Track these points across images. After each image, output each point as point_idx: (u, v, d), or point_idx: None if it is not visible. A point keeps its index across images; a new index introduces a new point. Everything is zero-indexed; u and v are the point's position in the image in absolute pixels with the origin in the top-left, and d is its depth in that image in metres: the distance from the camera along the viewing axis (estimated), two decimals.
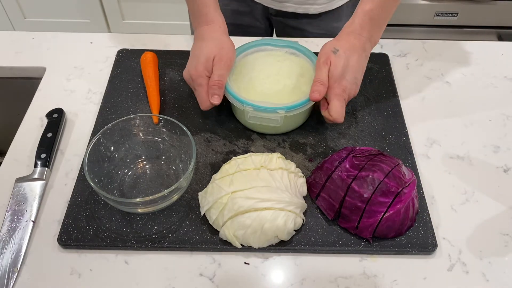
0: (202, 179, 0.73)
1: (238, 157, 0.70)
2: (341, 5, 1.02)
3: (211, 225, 0.66)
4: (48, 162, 0.74)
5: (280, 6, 1.01)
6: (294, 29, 1.06)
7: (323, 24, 1.04)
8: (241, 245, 0.64)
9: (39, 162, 0.73)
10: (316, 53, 0.92)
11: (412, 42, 0.98)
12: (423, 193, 0.71)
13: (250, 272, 0.64)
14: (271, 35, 1.18)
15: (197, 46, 0.77)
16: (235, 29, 1.06)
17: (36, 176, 0.72)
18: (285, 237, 0.64)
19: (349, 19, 1.05)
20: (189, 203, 0.70)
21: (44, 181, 0.72)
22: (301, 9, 1.01)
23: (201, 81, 0.74)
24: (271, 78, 0.79)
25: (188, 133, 0.69)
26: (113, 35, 0.99)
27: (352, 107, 0.84)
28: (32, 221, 0.68)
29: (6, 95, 0.98)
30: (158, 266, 0.65)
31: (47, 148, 0.75)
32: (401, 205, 0.64)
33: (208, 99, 0.74)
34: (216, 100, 0.73)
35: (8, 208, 0.69)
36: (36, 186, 0.71)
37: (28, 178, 0.72)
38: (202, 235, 0.66)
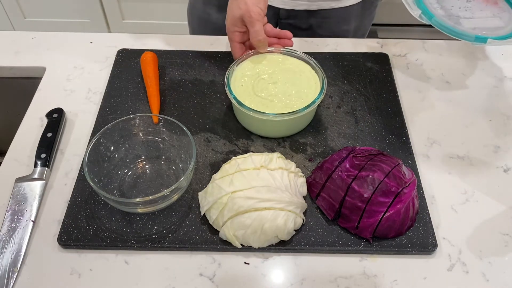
0: (202, 179, 0.73)
1: (238, 157, 0.70)
2: (352, 5, 1.01)
3: (211, 225, 0.66)
4: (48, 162, 0.74)
5: (293, 5, 1.00)
6: (304, 31, 1.05)
7: (333, 27, 1.04)
8: (241, 245, 0.64)
9: (39, 162, 0.73)
10: (316, 53, 0.93)
11: (412, 42, 0.98)
12: (423, 193, 0.71)
13: (250, 272, 0.64)
14: None
15: (229, 2, 0.82)
16: None
17: (36, 176, 0.72)
18: (285, 237, 0.64)
19: (357, 21, 1.05)
20: (189, 203, 0.70)
21: (44, 181, 0.72)
22: (314, 6, 1.00)
23: (230, 36, 0.82)
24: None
25: (188, 133, 0.69)
26: (113, 35, 0.99)
27: (352, 107, 0.84)
28: (32, 221, 0.68)
29: (6, 95, 0.98)
30: (158, 266, 0.65)
31: (47, 148, 0.75)
32: (401, 205, 0.64)
33: (238, 54, 0.82)
34: (264, 49, 0.82)
35: (8, 208, 0.69)
36: (36, 186, 0.71)
37: (28, 178, 0.72)
38: (202, 235, 0.66)
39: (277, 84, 0.79)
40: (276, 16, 1.06)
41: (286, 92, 0.77)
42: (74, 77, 0.90)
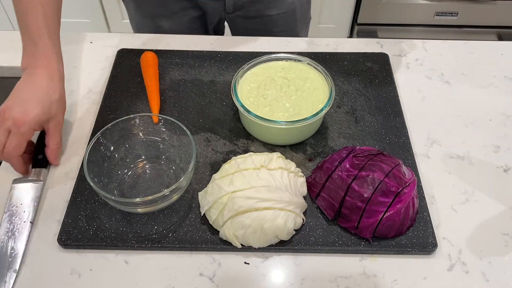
0: (202, 179, 0.73)
1: (238, 156, 0.70)
2: None
3: (211, 225, 0.66)
4: (46, 163, 0.74)
5: None
6: (256, 19, 1.05)
7: (279, 3, 1.03)
8: (241, 245, 0.64)
9: (36, 163, 0.73)
10: (316, 53, 0.92)
11: (412, 42, 0.98)
12: (423, 193, 0.71)
13: (250, 272, 0.64)
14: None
15: (27, 89, 0.69)
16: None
17: (33, 177, 0.72)
18: (285, 236, 0.64)
19: None
20: (189, 203, 0.70)
21: (41, 182, 0.72)
22: None
23: (24, 131, 0.66)
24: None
25: (188, 133, 0.69)
26: (113, 35, 0.99)
27: (352, 107, 0.84)
28: (30, 222, 0.68)
29: (6, 95, 0.98)
30: (158, 266, 0.65)
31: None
32: (401, 205, 0.64)
33: (24, 168, 0.71)
34: (58, 162, 0.74)
35: (6, 210, 0.69)
36: (33, 187, 0.71)
37: (25, 179, 0.72)
38: (202, 235, 0.66)
39: (286, 91, 0.78)
40: (223, 12, 1.05)
41: (295, 100, 0.77)
42: (74, 77, 0.90)
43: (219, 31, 1.13)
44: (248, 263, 0.65)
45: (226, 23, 1.12)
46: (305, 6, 1.11)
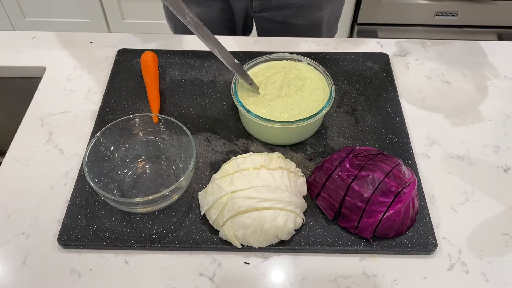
0: (202, 179, 0.73)
1: (238, 156, 0.70)
2: None
3: (211, 225, 0.66)
4: None
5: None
6: (280, 24, 1.06)
7: (307, 15, 1.05)
8: (241, 244, 0.64)
9: None
10: (316, 52, 0.92)
11: (412, 42, 0.98)
12: (423, 193, 0.71)
13: (250, 272, 0.64)
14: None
15: None
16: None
17: None
18: (285, 236, 0.64)
19: (329, 7, 1.05)
20: (189, 203, 0.70)
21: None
22: None
23: None
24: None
25: (188, 132, 0.69)
26: (113, 35, 0.99)
27: (352, 107, 0.84)
28: None
29: (6, 95, 0.98)
30: (158, 266, 0.65)
31: None
32: (401, 204, 0.64)
33: None
34: None
35: None
36: None
37: None
38: (202, 235, 0.66)
39: (286, 91, 0.78)
40: (250, 9, 1.06)
41: (295, 100, 0.77)
42: (74, 77, 0.90)
43: (246, 29, 1.14)
44: (248, 263, 0.65)
45: (254, 23, 1.13)
46: (332, 21, 1.12)
